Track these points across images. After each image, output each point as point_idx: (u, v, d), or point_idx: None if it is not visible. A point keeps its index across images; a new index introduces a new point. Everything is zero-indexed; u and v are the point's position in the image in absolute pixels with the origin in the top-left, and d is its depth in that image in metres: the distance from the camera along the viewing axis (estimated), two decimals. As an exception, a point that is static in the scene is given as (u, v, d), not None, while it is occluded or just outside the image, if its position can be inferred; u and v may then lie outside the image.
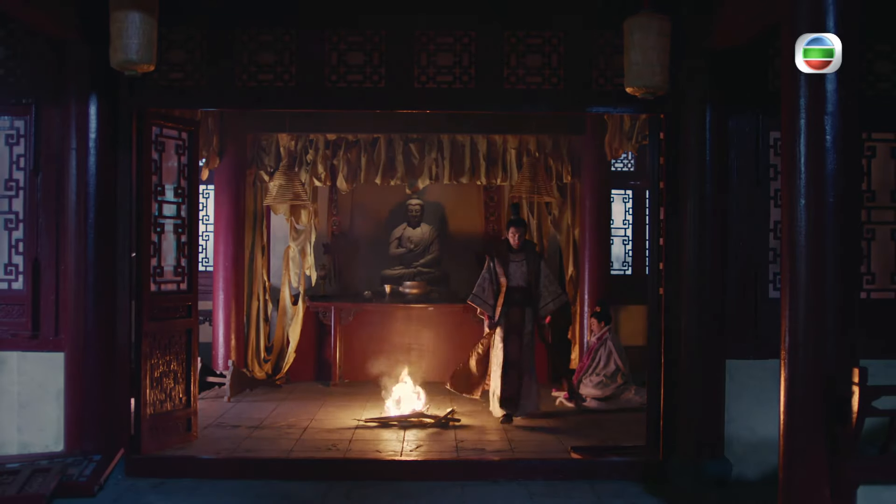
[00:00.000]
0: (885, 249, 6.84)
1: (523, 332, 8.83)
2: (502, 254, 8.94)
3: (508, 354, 8.77)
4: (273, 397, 10.05)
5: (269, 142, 10.84)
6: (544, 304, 8.91)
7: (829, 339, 4.66)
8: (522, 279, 8.86)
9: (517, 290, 8.86)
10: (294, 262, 10.93)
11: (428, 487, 6.72)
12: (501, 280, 8.82)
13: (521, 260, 8.91)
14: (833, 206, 4.64)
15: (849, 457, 4.57)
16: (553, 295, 8.92)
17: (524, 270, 8.86)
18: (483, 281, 8.93)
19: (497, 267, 8.86)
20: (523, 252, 8.95)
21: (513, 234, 8.93)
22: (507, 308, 8.81)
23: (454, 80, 6.94)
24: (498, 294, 8.83)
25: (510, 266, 8.86)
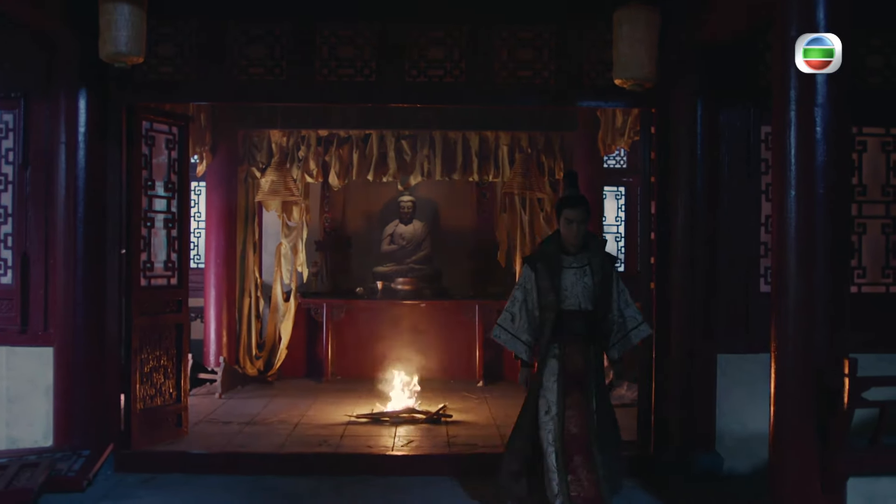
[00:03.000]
0: (875, 243, 6.84)
1: (587, 386, 5.49)
2: (550, 257, 5.53)
3: (567, 424, 5.44)
4: (264, 394, 10.02)
5: (261, 138, 10.81)
6: (619, 339, 5.60)
7: (818, 330, 4.66)
8: (586, 298, 5.47)
9: (577, 316, 5.46)
10: (286, 259, 10.91)
11: (419, 482, 6.69)
12: (549, 299, 5.45)
13: (584, 266, 5.50)
14: (823, 197, 4.64)
15: (839, 448, 4.57)
16: (633, 323, 5.61)
17: (588, 284, 5.47)
18: (514, 303, 5.57)
19: (541, 280, 5.49)
20: (587, 254, 5.54)
21: (569, 223, 5.47)
22: (562, 346, 5.47)
23: (445, 73, 6.92)
24: (542, 324, 5.50)
25: (565, 276, 5.47)
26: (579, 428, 5.42)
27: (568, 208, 5.49)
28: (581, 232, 5.47)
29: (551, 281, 5.45)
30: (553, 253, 5.55)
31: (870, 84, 6.85)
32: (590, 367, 5.49)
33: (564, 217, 5.49)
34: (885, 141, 6.85)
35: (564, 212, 5.50)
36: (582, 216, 5.46)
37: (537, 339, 5.53)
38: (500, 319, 5.65)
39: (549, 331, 5.45)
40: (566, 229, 5.50)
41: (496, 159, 10.79)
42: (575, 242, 5.50)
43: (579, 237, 5.48)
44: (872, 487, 4.83)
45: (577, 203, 5.50)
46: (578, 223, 5.46)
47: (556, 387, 5.43)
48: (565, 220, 5.48)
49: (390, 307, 11.06)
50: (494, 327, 5.68)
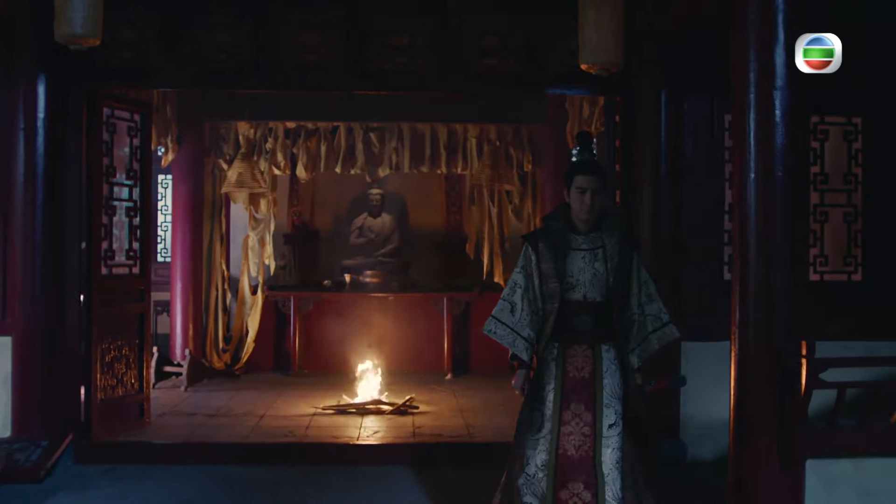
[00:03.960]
0: (838, 232, 6.87)
1: (595, 398, 4.42)
2: (555, 235, 4.50)
3: (565, 445, 4.40)
4: (231, 387, 9.94)
5: (228, 130, 10.72)
6: (638, 343, 4.51)
7: (778, 312, 4.67)
8: (595, 287, 4.45)
9: (585, 307, 4.46)
10: (253, 252, 10.84)
11: (383, 471, 6.66)
12: (552, 286, 4.43)
13: (596, 249, 4.48)
14: (782, 179, 4.64)
15: (797, 430, 4.58)
16: (655, 323, 4.52)
17: (599, 270, 4.45)
18: (515, 290, 4.52)
19: (544, 262, 4.46)
20: (601, 234, 4.51)
21: (581, 191, 4.42)
22: (562, 346, 4.48)
23: (410, 61, 6.89)
24: (545, 317, 4.47)
25: (572, 259, 4.45)
26: (579, 450, 4.33)
27: (580, 174, 4.40)
28: (596, 204, 4.39)
29: (555, 263, 4.38)
30: (559, 230, 4.47)
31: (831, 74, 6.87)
32: (599, 373, 4.37)
33: (576, 185, 4.40)
34: (847, 130, 6.89)
35: (576, 178, 4.41)
36: (598, 184, 4.40)
37: (539, 336, 4.46)
38: (495, 310, 4.49)
39: (550, 326, 4.41)
40: (577, 200, 4.40)
41: (464, 151, 10.76)
42: (587, 217, 4.41)
43: (593, 210, 4.40)
44: (831, 469, 4.85)
45: (591, 168, 4.45)
46: (593, 193, 4.37)
47: (552, 396, 4.37)
48: (576, 188, 4.40)
49: (358, 300, 11.01)
50: (488, 320, 4.49)
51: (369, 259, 11.31)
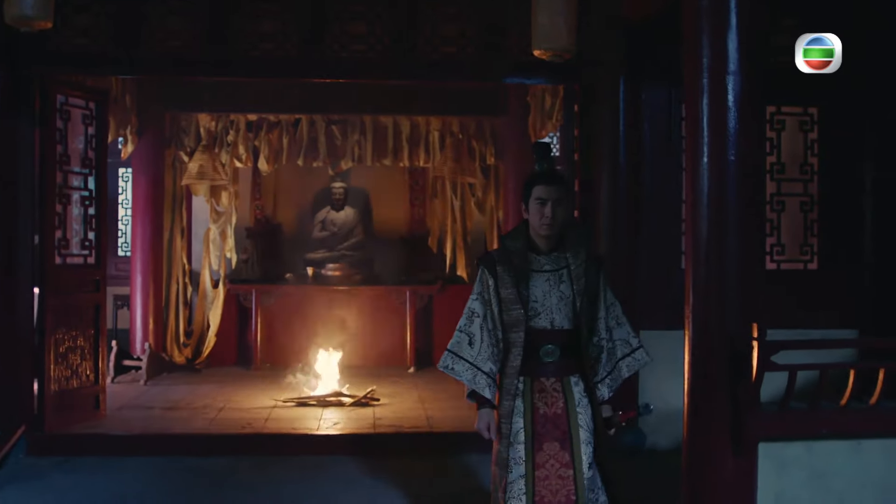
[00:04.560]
0: (794, 221, 6.94)
1: (571, 435, 3.92)
2: (514, 257, 3.96)
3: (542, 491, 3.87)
4: (191, 381, 9.84)
5: (189, 122, 10.63)
6: (608, 371, 4.07)
7: (731, 295, 4.68)
8: (562, 312, 3.95)
9: (552, 335, 3.95)
10: (214, 245, 10.75)
11: (341, 461, 6.64)
12: (514, 314, 3.90)
13: (560, 270, 3.98)
14: (735, 164, 4.65)
15: (749, 413, 4.58)
16: (624, 348, 4.12)
17: (565, 293, 3.95)
18: (472, 319, 3.96)
19: (504, 288, 3.93)
20: (565, 252, 4.00)
21: (541, 203, 3.89)
22: (529, 380, 3.95)
23: (368, 49, 6.87)
24: (508, 348, 3.95)
25: (535, 283, 3.94)
26: (557, 494, 3.85)
27: (539, 184, 3.88)
28: (557, 217, 3.85)
29: (516, 289, 3.85)
30: (519, 251, 3.93)
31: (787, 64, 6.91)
32: (571, 408, 3.89)
33: (535, 196, 3.85)
34: (803, 120, 6.96)
35: (535, 189, 3.87)
36: (559, 194, 3.87)
37: (502, 369, 3.95)
38: (452, 343, 3.90)
39: (515, 358, 3.87)
40: (537, 213, 3.85)
41: (427, 144, 10.73)
42: (549, 233, 3.88)
43: (555, 224, 3.86)
44: (783, 452, 4.87)
45: (551, 177, 3.95)
46: (554, 204, 3.83)
47: (522, 436, 3.86)
48: (536, 200, 3.85)
49: (321, 293, 10.95)
50: (444, 355, 3.91)
51: (332, 252, 11.26)
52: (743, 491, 4.70)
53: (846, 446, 4.92)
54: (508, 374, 3.91)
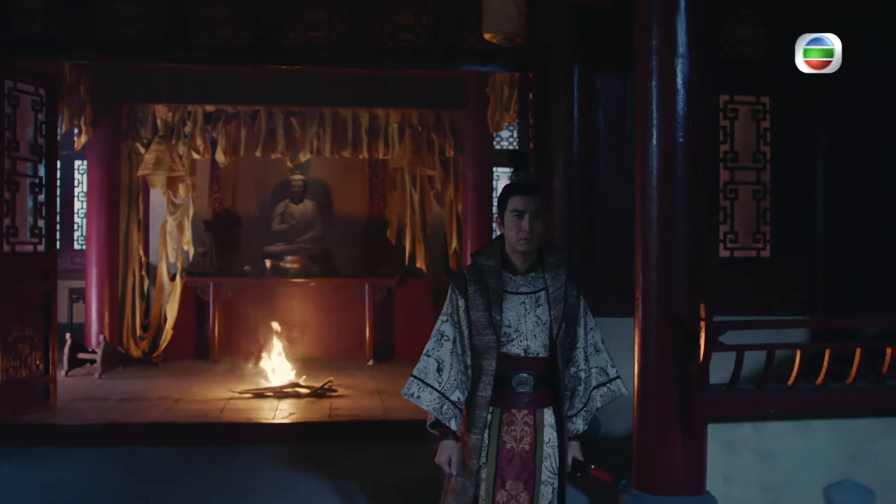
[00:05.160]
0: (747, 209, 6.99)
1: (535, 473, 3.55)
2: (488, 276, 3.56)
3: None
4: (147, 374, 9.75)
5: (146, 113, 10.51)
6: (584, 403, 3.65)
7: (679, 277, 4.70)
8: (538, 338, 3.55)
9: (526, 363, 3.55)
10: (171, 237, 10.64)
11: (296, 450, 6.61)
12: (486, 339, 3.53)
13: (537, 292, 3.57)
14: (683, 145, 4.68)
15: (698, 393, 4.61)
16: (600, 377, 3.69)
17: (542, 318, 3.55)
18: (441, 343, 3.57)
19: (475, 310, 3.56)
20: (543, 273, 3.59)
21: (518, 216, 3.50)
22: (498, 412, 3.55)
23: (323, 36, 6.84)
24: (477, 375, 3.57)
25: (509, 305, 3.55)
26: None
27: (516, 195, 3.49)
28: (536, 231, 3.46)
29: (489, 312, 3.48)
30: (492, 269, 3.52)
31: (739, 53, 6.99)
32: (539, 444, 3.49)
33: (511, 208, 3.47)
34: (756, 109, 7.01)
35: (511, 200, 3.49)
36: (537, 206, 3.48)
37: (470, 399, 3.55)
38: (417, 369, 3.51)
39: (486, 387, 3.49)
40: (513, 227, 3.46)
41: (386, 137, 10.69)
42: (527, 248, 3.48)
43: (533, 239, 3.46)
44: (732, 433, 4.90)
45: (529, 188, 3.54)
46: (532, 216, 3.44)
47: (484, 473, 3.50)
48: (512, 212, 3.46)
49: (280, 286, 10.89)
50: (409, 381, 3.52)
51: (291, 245, 11.21)
52: (692, 472, 4.72)
53: (794, 427, 4.97)
54: (478, 404, 3.50)
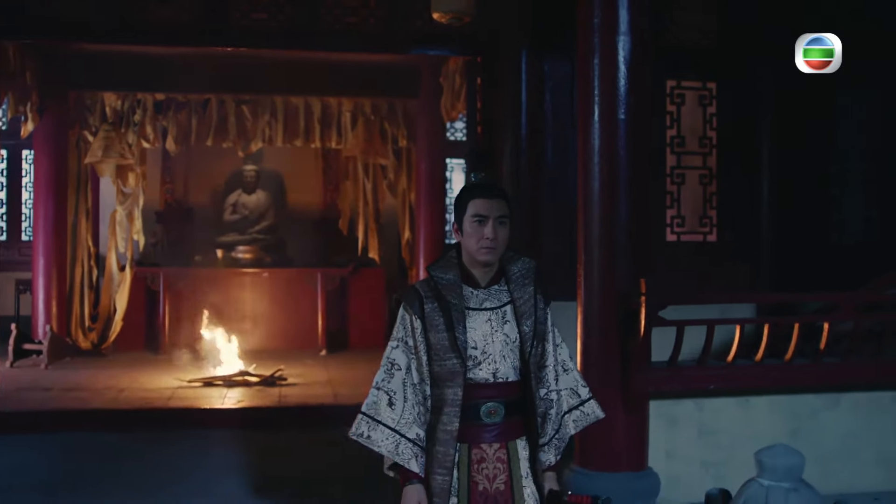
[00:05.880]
0: (694, 194, 7.03)
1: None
2: (447, 292, 2.97)
3: None
4: (96, 365, 9.61)
5: (94, 100, 10.37)
6: (556, 430, 3.06)
7: (621, 253, 4.73)
8: (508, 360, 2.97)
9: (495, 390, 2.98)
10: (121, 227, 10.48)
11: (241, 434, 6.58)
12: (448, 364, 2.93)
13: (503, 306, 3.01)
14: (625, 122, 4.71)
15: (639, 369, 4.63)
16: (571, 399, 3.11)
17: (510, 336, 2.97)
18: (392, 373, 2.95)
19: (433, 331, 2.95)
20: (508, 285, 3.02)
21: (480, 221, 2.89)
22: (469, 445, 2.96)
23: (269, 18, 6.80)
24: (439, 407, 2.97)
25: (472, 324, 2.96)
26: None
27: (478, 198, 2.95)
28: (500, 239, 2.90)
29: (452, 333, 2.91)
30: (451, 283, 2.99)
31: (686, 39, 7.03)
32: (517, 481, 2.99)
33: (472, 213, 2.92)
34: (702, 94, 7.05)
35: (472, 204, 2.94)
36: (502, 211, 2.92)
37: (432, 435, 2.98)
38: (367, 404, 2.92)
39: (451, 420, 2.93)
40: (475, 235, 2.91)
41: (339, 126, 10.65)
42: (490, 258, 2.93)
43: (497, 248, 2.91)
44: (674, 410, 4.95)
45: (492, 191, 2.99)
46: (496, 223, 2.89)
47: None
48: (473, 217, 2.91)
49: (232, 276, 10.81)
50: (357, 420, 2.90)
51: (243, 236, 11.15)
52: (634, 448, 4.75)
53: (735, 403, 5.03)
54: (442, 440, 2.93)
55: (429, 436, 2.94)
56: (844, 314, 4.93)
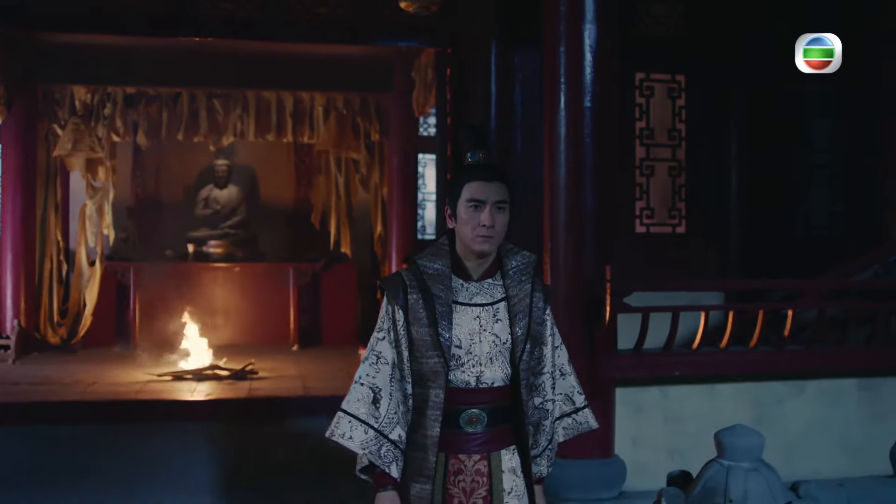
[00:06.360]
0: (663, 186, 7.06)
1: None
2: (434, 283, 2.61)
3: None
4: (64, 360, 9.54)
5: (63, 94, 10.27)
6: (549, 440, 2.79)
7: (587, 241, 4.74)
8: (497, 362, 2.65)
9: (479, 395, 2.65)
10: (91, 221, 10.39)
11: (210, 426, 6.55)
12: (431, 362, 2.60)
13: (496, 303, 2.67)
14: (591, 110, 4.71)
15: (604, 356, 4.64)
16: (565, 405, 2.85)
17: (501, 337, 2.65)
18: (376, 368, 2.64)
19: (416, 325, 2.62)
20: (503, 279, 2.69)
21: (476, 207, 2.57)
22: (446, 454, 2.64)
23: (237, 7, 6.78)
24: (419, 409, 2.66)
25: (459, 319, 2.63)
26: None
27: (475, 180, 2.60)
28: (499, 228, 2.58)
29: (434, 328, 2.59)
30: (440, 274, 2.62)
31: (655, 32, 7.06)
32: (497, 497, 2.67)
33: (467, 198, 2.59)
34: (671, 87, 7.09)
35: (468, 187, 2.60)
36: (501, 195, 2.58)
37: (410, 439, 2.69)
38: (347, 401, 2.62)
39: (432, 425, 2.61)
40: (470, 221, 2.57)
41: (311, 120, 10.61)
42: (486, 248, 2.60)
43: (496, 237, 2.59)
44: (640, 397, 4.95)
45: (490, 172, 2.61)
46: (494, 208, 2.56)
47: None
48: (469, 202, 2.58)
49: (203, 271, 10.76)
50: (337, 418, 2.60)
51: (215, 231, 11.09)
52: (601, 435, 4.74)
53: (701, 390, 5.03)
54: (422, 445, 2.63)
55: (408, 439, 2.65)
56: (808, 301, 4.96)
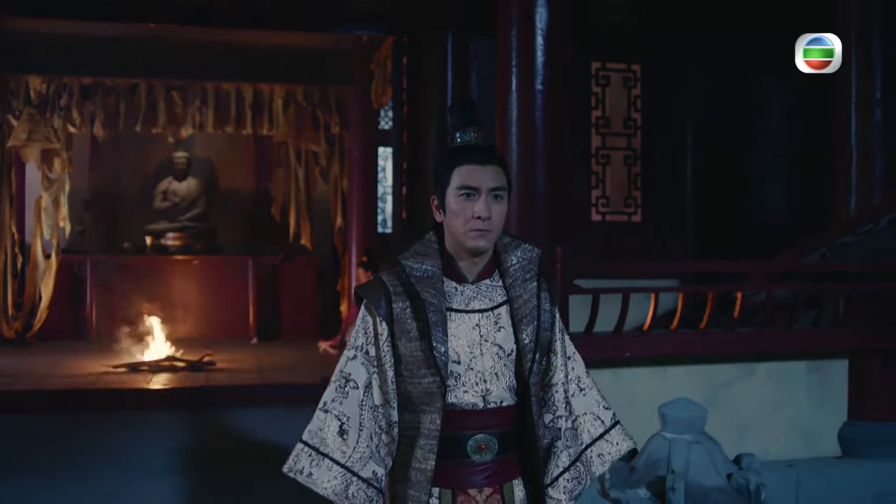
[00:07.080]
0: (619, 174, 7.10)
1: None
2: (424, 287, 2.16)
3: None
4: (19, 353, 9.43)
5: (19, 84, 10.15)
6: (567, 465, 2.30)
7: (538, 224, 4.75)
8: (500, 376, 2.21)
9: (484, 418, 2.20)
10: (46, 214, 10.28)
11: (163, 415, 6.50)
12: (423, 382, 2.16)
13: (498, 307, 2.23)
14: (542, 93, 4.74)
15: (555, 337, 4.65)
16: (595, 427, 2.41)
17: (505, 347, 2.21)
18: (344, 394, 2.18)
19: (404, 339, 2.17)
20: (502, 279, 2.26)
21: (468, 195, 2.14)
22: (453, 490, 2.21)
23: (194, -6, 6.73)
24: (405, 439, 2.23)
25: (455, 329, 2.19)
26: None
27: (467, 164, 2.19)
28: (496, 220, 2.18)
29: (427, 341, 2.15)
30: (430, 277, 2.21)
31: (611, 21, 7.10)
32: None
33: (458, 185, 2.18)
34: (627, 76, 7.12)
35: (459, 172, 2.19)
36: (498, 181, 2.18)
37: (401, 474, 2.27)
38: (308, 431, 2.20)
39: (426, 458, 2.19)
40: (462, 212, 2.17)
41: (271, 112, 10.58)
42: (482, 244, 2.19)
43: (493, 231, 2.18)
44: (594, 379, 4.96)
45: (485, 153, 2.22)
46: (490, 196, 2.16)
47: None
48: (461, 191, 2.17)
49: (161, 264, 10.69)
50: (296, 451, 2.20)
51: (173, 223, 11.03)
52: (552, 418, 4.78)
53: (652, 373, 5.06)
54: (413, 481, 2.21)
55: (399, 474, 2.25)
56: (756, 283, 5.01)
